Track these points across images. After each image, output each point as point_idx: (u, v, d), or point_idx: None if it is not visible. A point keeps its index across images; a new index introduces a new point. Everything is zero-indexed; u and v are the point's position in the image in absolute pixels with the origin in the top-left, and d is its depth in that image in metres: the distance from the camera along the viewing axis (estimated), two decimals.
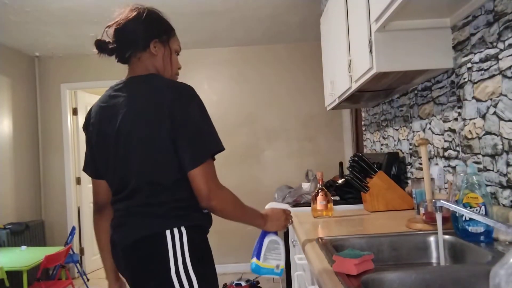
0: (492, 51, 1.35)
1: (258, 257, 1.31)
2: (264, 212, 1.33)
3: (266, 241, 1.33)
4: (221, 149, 1.18)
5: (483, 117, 1.42)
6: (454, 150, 1.67)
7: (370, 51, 1.62)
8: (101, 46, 1.24)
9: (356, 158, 2.08)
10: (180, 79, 1.35)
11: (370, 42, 1.62)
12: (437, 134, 1.83)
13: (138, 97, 1.18)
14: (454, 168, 1.68)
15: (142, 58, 1.25)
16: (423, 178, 1.54)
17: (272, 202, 1.42)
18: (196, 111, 1.16)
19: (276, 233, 1.35)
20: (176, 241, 1.13)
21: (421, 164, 1.77)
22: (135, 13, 1.24)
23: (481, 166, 1.45)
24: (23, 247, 3.58)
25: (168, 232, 1.13)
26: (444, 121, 1.75)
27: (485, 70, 1.40)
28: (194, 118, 1.15)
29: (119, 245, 1.21)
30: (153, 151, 1.14)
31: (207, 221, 1.24)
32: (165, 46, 1.28)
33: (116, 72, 4.36)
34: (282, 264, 1.33)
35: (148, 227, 1.15)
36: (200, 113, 1.17)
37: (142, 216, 1.16)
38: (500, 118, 1.32)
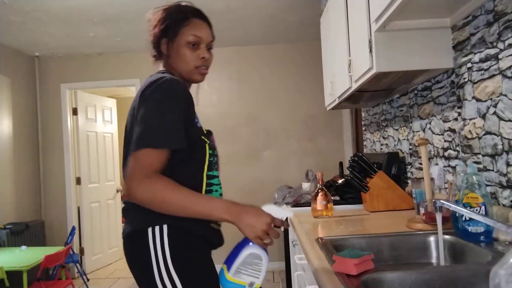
0: (492, 51, 1.35)
1: (228, 268, 1.04)
2: (240, 208, 1.06)
3: (245, 252, 1.03)
4: (168, 145, 1.08)
5: (483, 117, 1.42)
6: (454, 150, 1.67)
7: (370, 51, 1.62)
8: (153, 56, 1.31)
9: (356, 158, 2.08)
10: None
11: (370, 42, 1.62)
12: (437, 134, 1.83)
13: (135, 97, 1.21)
14: (454, 168, 1.68)
15: (161, 59, 1.30)
16: (423, 178, 1.54)
17: (270, 205, 1.08)
18: (154, 102, 1.09)
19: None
20: (157, 239, 1.11)
21: (421, 164, 1.77)
22: (148, 17, 1.29)
23: (481, 166, 1.45)
24: (23, 247, 3.58)
25: (150, 230, 1.12)
26: (444, 121, 1.75)
27: (485, 70, 1.40)
28: (147, 109, 1.09)
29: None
30: (129, 148, 1.13)
31: (195, 221, 1.11)
32: (173, 42, 1.25)
33: (116, 72, 4.34)
34: (258, 283, 1.03)
35: (135, 223, 1.16)
36: (158, 104, 1.09)
37: (133, 211, 1.17)
38: (500, 118, 1.32)
